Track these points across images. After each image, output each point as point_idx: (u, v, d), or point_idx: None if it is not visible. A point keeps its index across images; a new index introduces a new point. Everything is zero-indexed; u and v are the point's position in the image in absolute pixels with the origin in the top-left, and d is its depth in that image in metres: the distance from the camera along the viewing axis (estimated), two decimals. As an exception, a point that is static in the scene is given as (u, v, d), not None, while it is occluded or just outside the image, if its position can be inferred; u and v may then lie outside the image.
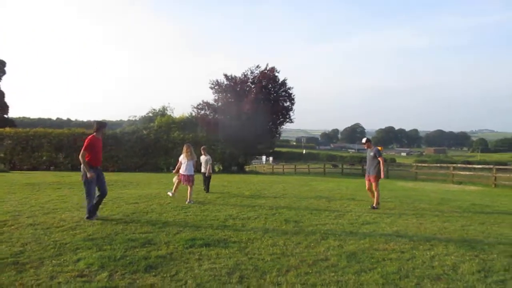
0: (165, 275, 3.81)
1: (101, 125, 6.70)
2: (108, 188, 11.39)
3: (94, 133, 6.54)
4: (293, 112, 26.84)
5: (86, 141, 6.36)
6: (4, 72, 45.03)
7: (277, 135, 29.12)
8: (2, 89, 44.63)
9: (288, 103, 26.65)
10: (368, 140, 8.99)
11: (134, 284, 3.55)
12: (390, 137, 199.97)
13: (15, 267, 3.91)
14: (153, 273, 3.85)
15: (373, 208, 8.39)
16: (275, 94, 26.52)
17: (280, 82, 26.49)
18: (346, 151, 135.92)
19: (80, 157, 6.31)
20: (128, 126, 27.73)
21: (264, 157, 62.17)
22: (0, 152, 23.46)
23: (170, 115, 27.56)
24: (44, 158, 23.96)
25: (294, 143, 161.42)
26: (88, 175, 6.21)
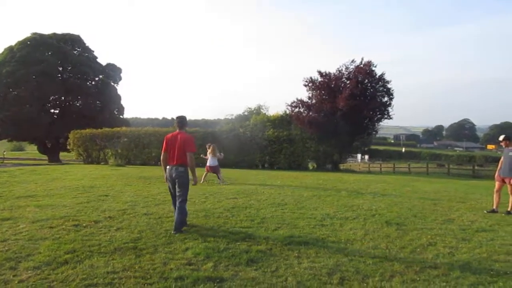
0: (265, 270, 3.90)
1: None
2: (210, 183, 12.20)
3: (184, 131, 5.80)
4: (391, 108, 25.32)
5: (192, 140, 5.62)
6: (120, 78, 50.79)
7: (374, 133, 27.81)
8: (118, 92, 50.39)
9: (386, 99, 25.20)
10: (507, 138, 8.04)
11: (237, 276, 3.70)
12: (507, 134, 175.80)
13: (134, 251, 4.37)
14: (254, 267, 3.96)
15: (509, 213, 7.53)
16: (372, 90, 25.29)
17: (377, 76, 25.23)
18: (452, 149, 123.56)
19: (192, 161, 5.56)
20: (226, 124, 29.10)
21: (359, 155, 60.00)
22: (118, 149, 26.51)
23: (265, 114, 28.28)
24: (153, 154, 26.40)
25: (392, 141, 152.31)
26: (194, 182, 5.69)
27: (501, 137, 8.16)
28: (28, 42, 42.63)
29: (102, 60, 48.67)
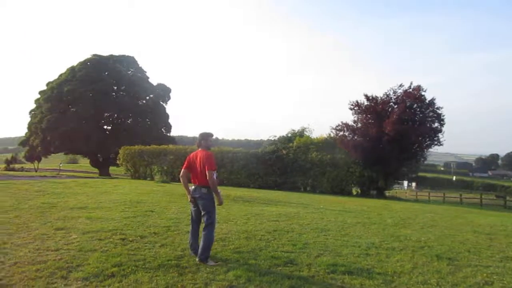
0: (308, 298, 3.79)
1: (209, 136, 5.37)
2: (251, 204, 12.20)
3: (205, 147, 5.25)
4: (442, 134, 24.29)
5: (210, 157, 5.04)
6: (169, 97, 52.96)
7: (423, 159, 26.69)
8: (167, 111, 52.43)
9: (436, 124, 24.24)
10: None
11: (278, 303, 3.62)
12: None
13: (177, 269, 4.43)
14: (296, 295, 3.86)
15: None
16: (421, 115, 24.45)
17: (427, 101, 24.38)
18: (508, 180, 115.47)
19: (211, 179, 4.92)
20: (269, 145, 29.16)
21: (406, 182, 57.66)
22: (164, 165, 27.38)
23: (308, 136, 28.01)
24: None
25: (442, 168, 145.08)
26: (219, 202, 5.01)
27: None
28: (88, 63, 45.82)
29: (153, 79, 51.08)
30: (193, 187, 5.18)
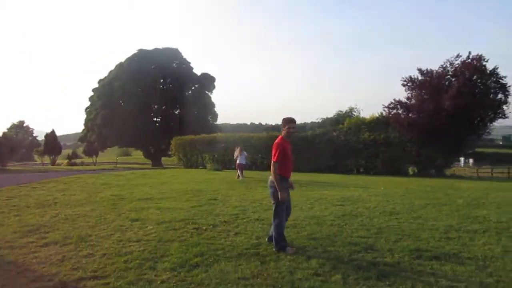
0: (400, 287, 3.60)
1: (288, 122, 4.91)
2: (309, 189, 12.03)
3: (282, 134, 4.95)
4: (507, 106, 22.44)
5: (275, 146, 4.80)
6: (214, 87, 53.62)
7: (486, 133, 24.91)
8: (212, 100, 53.18)
9: (500, 95, 22.44)
10: None
11: (371, 292, 3.47)
12: None
13: (258, 258, 4.40)
14: (387, 283, 3.68)
15: None
16: (482, 87, 22.74)
17: (488, 72, 22.56)
18: None
19: (272, 170, 4.77)
20: (317, 128, 28.64)
21: (462, 159, 54.62)
22: (215, 153, 27.80)
23: (358, 116, 27.17)
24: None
25: (501, 143, 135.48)
26: (280, 196, 4.66)
27: None
28: (135, 58, 47.35)
29: (197, 70, 51.82)
30: None
